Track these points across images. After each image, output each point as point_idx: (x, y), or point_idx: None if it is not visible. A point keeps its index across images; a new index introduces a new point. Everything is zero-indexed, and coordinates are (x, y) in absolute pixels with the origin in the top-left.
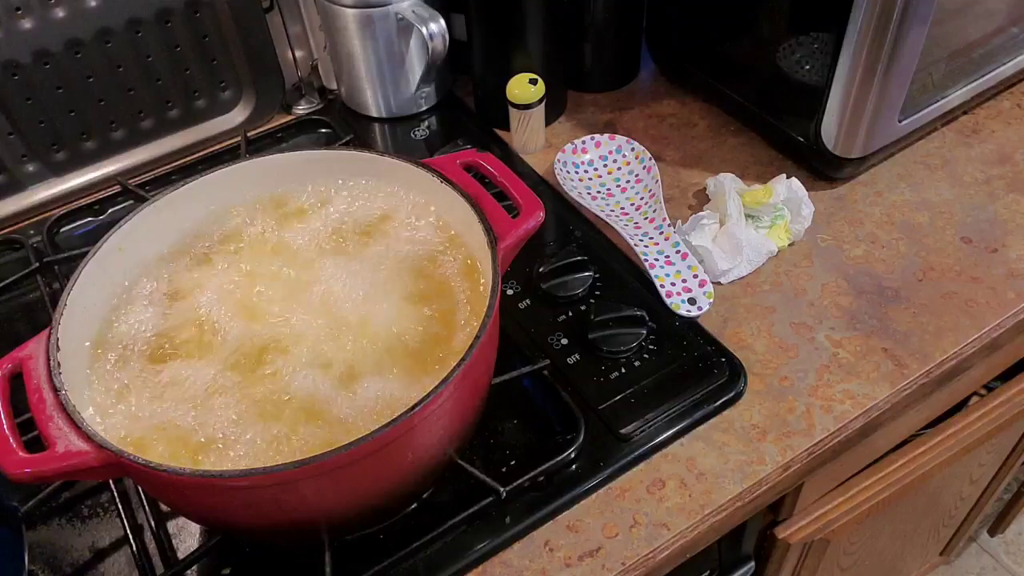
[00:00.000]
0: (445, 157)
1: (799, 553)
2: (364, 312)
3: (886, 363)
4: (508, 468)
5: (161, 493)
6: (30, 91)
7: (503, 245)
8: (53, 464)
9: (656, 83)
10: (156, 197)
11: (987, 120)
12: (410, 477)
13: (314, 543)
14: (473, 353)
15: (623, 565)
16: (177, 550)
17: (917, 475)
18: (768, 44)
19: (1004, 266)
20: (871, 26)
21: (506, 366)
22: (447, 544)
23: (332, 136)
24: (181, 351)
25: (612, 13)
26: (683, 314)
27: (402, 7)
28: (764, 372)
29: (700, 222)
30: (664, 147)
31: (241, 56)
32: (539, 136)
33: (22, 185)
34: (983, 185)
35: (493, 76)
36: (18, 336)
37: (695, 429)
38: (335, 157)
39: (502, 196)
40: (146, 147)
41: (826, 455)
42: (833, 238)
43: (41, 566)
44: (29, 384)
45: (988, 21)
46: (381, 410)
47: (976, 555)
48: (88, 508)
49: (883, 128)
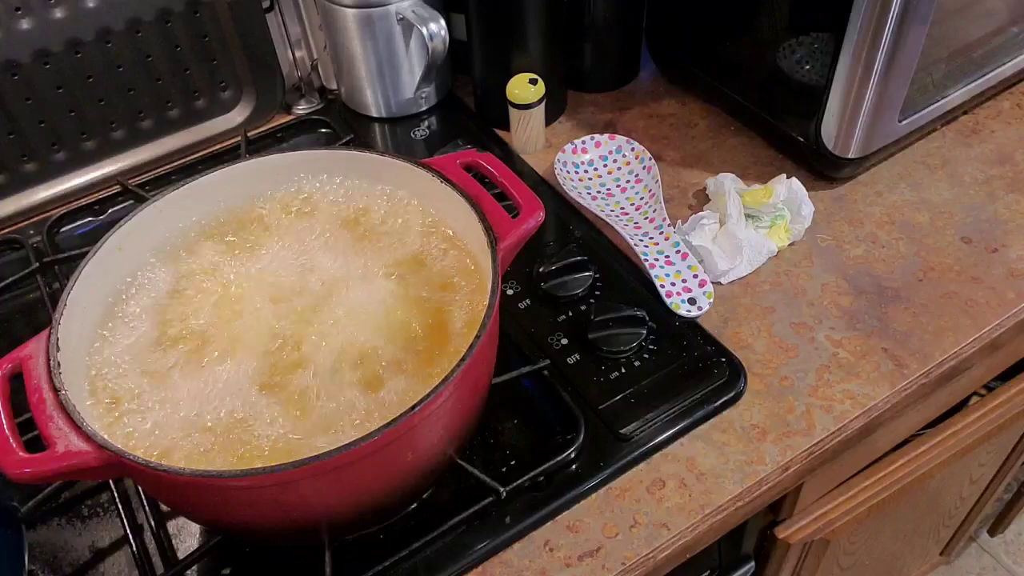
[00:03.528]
0: (445, 157)
1: (799, 553)
2: (362, 312)
3: (886, 363)
4: (508, 468)
5: (161, 493)
6: (30, 91)
7: (503, 245)
8: (53, 464)
9: (656, 83)
10: (156, 197)
11: (987, 120)
12: (410, 477)
13: (314, 543)
14: (473, 353)
15: (623, 565)
16: (177, 550)
17: (917, 475)
18: (768, 44)
19: (1004, 266)
20: (871, 26)
21: (506, 366)
22: (447, 544)
23: (332, 136)
24: (182, 350)
25: (612, 13)
26: (683, 314)
27: (402, 7)
28: (764, 372)
29: (700, 222)
30: (664, 147)
31: (241, 56)
32: (539, 136)
33: (22, 185)
34: (983, 185)
35: (493, 76)
36: (18, 336)
37: (695, 429)
38: (335, 157)
39: (502, 196)
40: (146, 147)
41: (826, 455)
42: (833, 238)
43: (41, 566)
44: (29, 384)
45: (988, 21)
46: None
47: (976, 555)
48: (88, 508)
49: (883, 128)
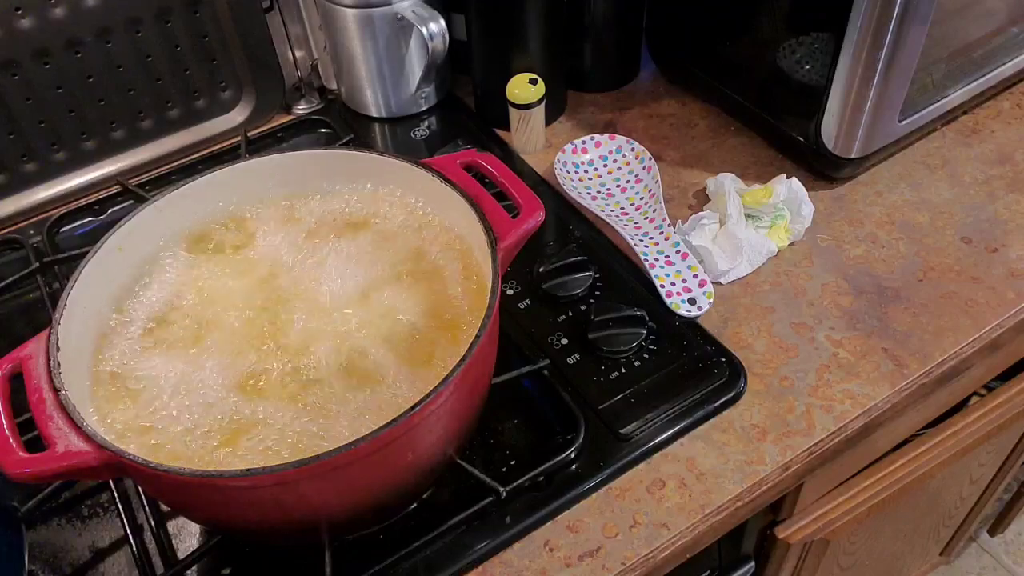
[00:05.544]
0: (445, 157)
1: (799, 553)
2: (363, 312)
3: (886, 363)
4: (508, 468)
5: (161, 493)
6: (30, 91)
7: (503, 245)
8: (53, 464)
9: (656, 83)
10: (156, 197)
11: (987, 120)
12: (410, 477)
13: (314, 543)
14: (473, 353)
15: (623, 565)
16: (177, 550)
17: (917, 475)
18: (768, 44)
19: (1004, 266)
20: (871, 26)
21: (506, 366)
22: (447, 544)
23: (332, 136)
24: (182, 350)
25: (612, 13)
26: (683, 314)
27: (402, 7)
28: (764, 372)
29: (700, 222)
30: (664, 147)
31: (241, 56)
32: (539, 136)
33: (22, 185)
34: (983, 185)
35: (493, 76)
36: (18, 336)
37: (695, 429)
38: (335, 157)
39: (502, 196)
40: (146, 147)
41: (826, 455)
42: (833, 238)
43: (41, 566)
44: (29, 384)
45: (988, 21)
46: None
47: (976, 555)
48: (88, 508)
49: (883, 128)
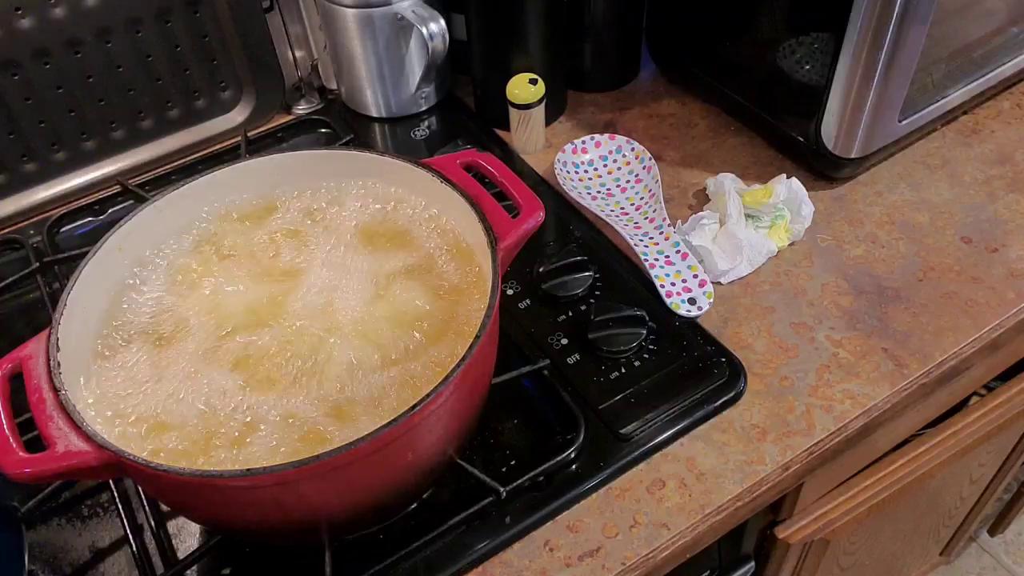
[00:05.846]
0: (445, 157)
1: (799, 553)
2: (362, 313)
3: (886, 363)
4: (508, 468)
5: (161, 493)
6: (30, 91)
7: (503, 245)
8: (53, 464)
9: (656, 83)
10: (156, 197)
11: (987, 120)
12: (410, 477)
13: (314, 543)
14: (473, 353)
15: (623, 565)
16: (177, 550)
17: (917, 475)
18: (768, 44)
19: (1004, 266)
20: (871, 26)
21: (506, 366)
22: (447, 544)
23: (332, 136)
24: (182, 350)
25: (612, 13)
26: (683, 314)
27: (402, 7)
28: (764, 372)
29: (700, 222)
30: (664, 147)
31: (241, 56)
32: (539, 136)
33: (22, 185)
34: (983, 185)
35: (493, 76)
36: (18, 336)
37: (695, 429)
38: (335, 157)
39: (502, 196)
40: (146, 147)
41: (826, 455)
42: (833, 238)
43: (41, 566)
44: (29, 384)
45: (988, 21)
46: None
47: (976, 555)
48: (88, 508)
49: (883, 128)
